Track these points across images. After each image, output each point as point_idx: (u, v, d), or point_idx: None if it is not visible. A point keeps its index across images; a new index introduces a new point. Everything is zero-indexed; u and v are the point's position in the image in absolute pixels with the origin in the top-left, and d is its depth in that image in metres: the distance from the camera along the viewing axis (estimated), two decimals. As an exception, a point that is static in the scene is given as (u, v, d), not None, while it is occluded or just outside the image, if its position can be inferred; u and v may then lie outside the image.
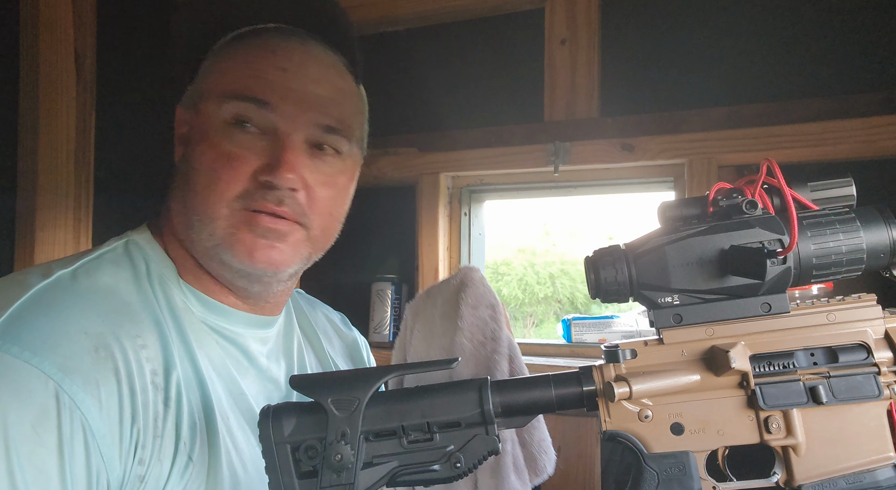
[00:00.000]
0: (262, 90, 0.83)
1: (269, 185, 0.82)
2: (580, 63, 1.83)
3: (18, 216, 1.76)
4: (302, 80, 0.85)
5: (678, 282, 0.72)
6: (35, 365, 0.68)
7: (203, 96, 0.87)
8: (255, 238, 0.82)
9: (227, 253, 0.83)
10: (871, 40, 1.58)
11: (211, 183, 0.82)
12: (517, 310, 7.78)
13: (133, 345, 0.75)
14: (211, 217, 0.82)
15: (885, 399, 0.70)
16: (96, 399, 0.70)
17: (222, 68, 0.87)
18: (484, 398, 0.71)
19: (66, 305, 0.75)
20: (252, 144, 0.83)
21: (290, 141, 0.83)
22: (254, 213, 0.82)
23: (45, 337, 0.70)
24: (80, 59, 1.79)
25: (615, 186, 1.88)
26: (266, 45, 0.86)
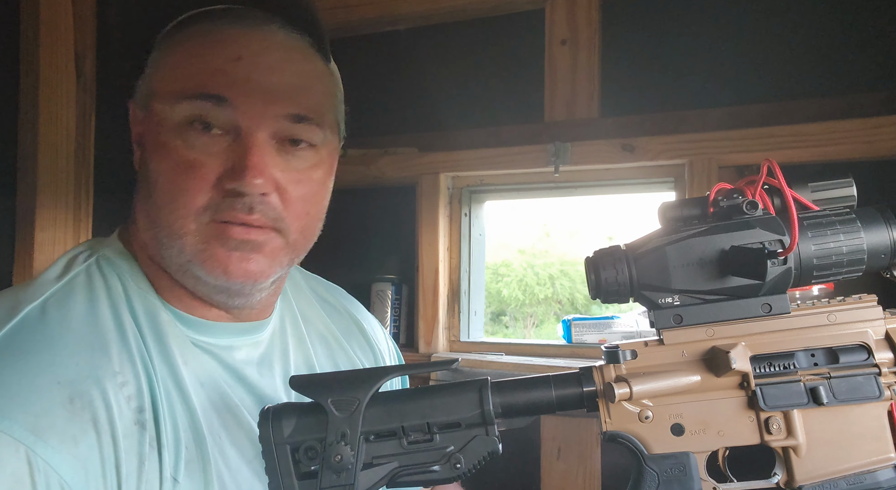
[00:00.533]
0: (217, 85, 0.74)
1: (235, 193, 0.74)
2: (580, 63, 1.83)
3: (18, 216, 1.76)
4: (261, 68, 0.76)
5: (679, 282, 0.72)
6: (3, 430, 0.62)
7: (154, 95, 0.78)
8: (228, 252, 0.75)
9: (200, 269, 0.76)
10: (871, 40, 1.58)
11: (173, 195, 0.75)
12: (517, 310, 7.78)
13: (112, 384, 0.70)
14: (178, 233, 0.75)
15: (886, 400, 0.70)
16: (73, 457, 0.65)
17: (170, 62, 0.78)
18: (484, 399, 0.71)
19: (35, 351, 0.69)
20: (213, 148, 0.74)
21: (255, 139, 0.75)
22: (224, 225, 0.75)
23: (12, 395, 0.65)
24: (80, 60, 1.79)
25: (615, 187, 1.88)
26: (216, 31, 0.77)
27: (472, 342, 1.99)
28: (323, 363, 0.97)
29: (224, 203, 0.74)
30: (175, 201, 0.75)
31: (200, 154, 0.75)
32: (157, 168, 0.76)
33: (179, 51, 0.78)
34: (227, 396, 0.81)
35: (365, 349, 1.06)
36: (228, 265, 0.76)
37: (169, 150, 0.75)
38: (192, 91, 0.75)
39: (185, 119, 0.75)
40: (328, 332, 1.02)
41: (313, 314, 1.02)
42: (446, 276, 1.99)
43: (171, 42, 0.80)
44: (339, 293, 1.11)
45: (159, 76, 0.79)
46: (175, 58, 0.78)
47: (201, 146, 0.75)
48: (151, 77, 0.80)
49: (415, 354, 1.95)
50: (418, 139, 1.99)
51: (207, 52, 0.76)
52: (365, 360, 1.04)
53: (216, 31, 0.78)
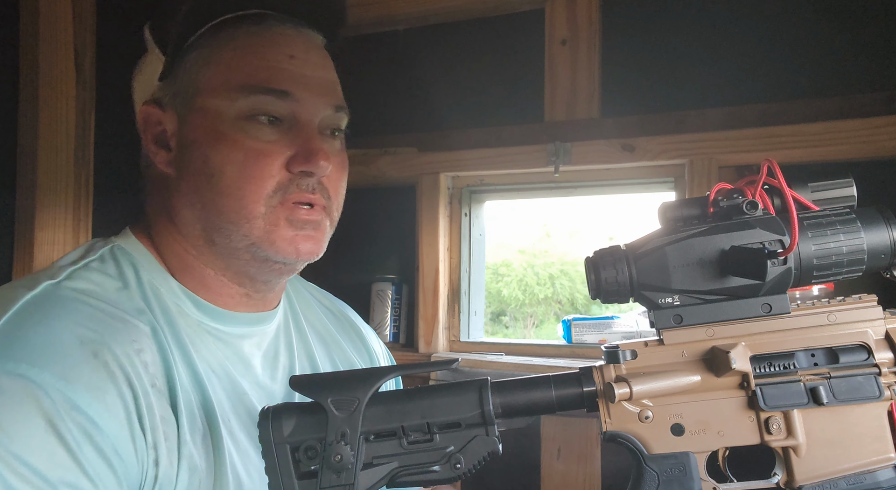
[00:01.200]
0: (280, 80, 0.82)
1: (304, 175, 0.82)
2: (580, 63, 1.83)
3: (18, 216, 1.76)
4: (310, 66, 0.85)
5: (679, 282, 0.72)
6: (33, 378, 0.66)
7: (202, 92, 0.83)
8: (295, 232, 0.82)
9: (267, 249, 0.82)
10: (871, 40, 1.58)
11: (242, 183, 0.80)
12: (517, 310, 7.78)
13: (129, 350, 0.73)
14: (247, 217, 0.81)
15: (886, 400, 0.70)
16: (103, 403, 0.68)
17: (220, 60, 0.83)
18: (484, 399, 0.71)
19: (56, 315, 0.72)
20: (278, 136, 0.82)
21: (313, 128, 0.84)
22: (292, 207, 0.82)
23: (40, 349, 0.68)
24: (79, 58, 1.79)
25: (615, 187, 1.88)
26: (265, 32, 0.84)
27: (472, 342, 1.99)
28: (322, 360, 1.00)
29: (292, 185, 0.82)
30: (244, 187, 0.80)
31: (266, 143, 0.81)
32: (223, 159, 0.80)
33: (228, 50, 0.83)
34: (237, 383, 0.84)
35: (361, 352, 1.09)
36: (297, 244, 0.83)
37: (234, 141, 0.80)
38: (255, 84, 0.81)
39: (248, 112, 0.81)
40: (326, 333, 1.05)
41: (312, 315, 1.05)
42: (446, 276, 1.99)
43: (212, 43, 0.84)
44: (334, 299, 1.15)
45: (209, 73, 0.83)
46: (224, 56, 0.83)
47: (265, 136, 0.81)
48: (195, 75, 0.83)
49: (415, 354, 1.95)
50: (418, 139, 1.99)
51: (263, 51, 0.83)
52: (361, 363, 1.07)
53: (264, 30, 0.84)
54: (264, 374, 0.90)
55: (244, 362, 0.88)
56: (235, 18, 0.84)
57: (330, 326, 1.06)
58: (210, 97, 0.82)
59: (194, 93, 0.83)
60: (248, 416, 0.84)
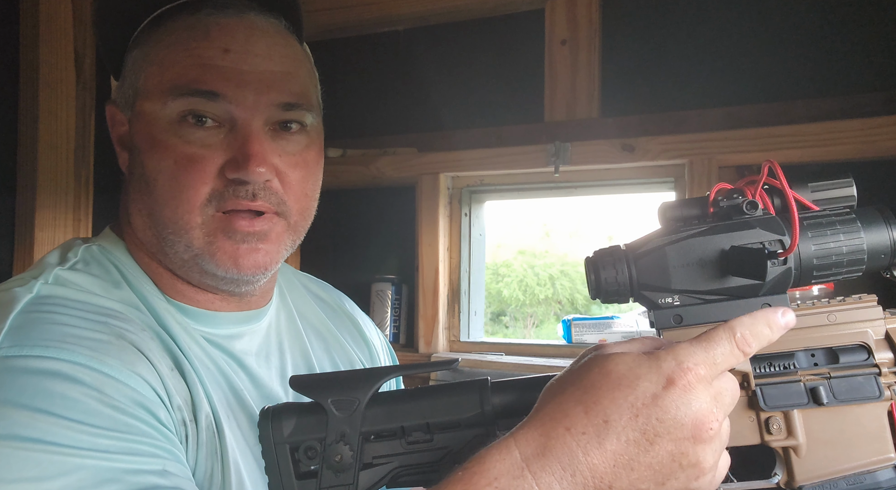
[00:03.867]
0: (209, 80, 0.74)
1: (238, 182, 0.75)
2: (580, 63, 1.83)
3: (18, 216, 1.76)
4: (250, 58, 0.77)
5: (678, 282, 0.72)
6: (66, 358, 0.63)
7: (140, 94, 0.78)
8: (236, 245, 0.77)
9: (209, 263, 0.77)
10: (871, 40, 1.58)
11: (176, 192, 0.75)
12: (517, 311, 7.78)
13: (144, 337, 0.72)
14: (184, 228, 0.76)
15: (886, 400, 0.69)
16: (139, 376, 0.67)
17: (155, 60, 0.77)
18: (484, 399, 0.71)
19: (66, 310, 0.70)
20: (210, 140, 0.75)
21: (251, 129, 0.76)
22: (229, 217, 0.76)
23: (62, 334, 0.66)
24: (79, 59, 1.79)
25: (615, 187, 1.88)
26: (198, 24, 0.77)
27: (472, 342, 1.99)
28: (320, 357, 0.98)
29: (227, 192, 0.76)
30: (178, 197, 0.75)
31: (198, 148, 0.75)
32: (156, 166, 0.76)
33: (163, 46, 0.77)
34: (233, 381, 0.83)
35: (360, 344, 1.06)
36: (238, 258, 0.77)
37: (165, 147, 0.75)
38: (183, 88, 0.75)
39: (178, 115, 0.75)
40: (323, 327, 1.02)
41: (308, 309, 1.02)
42: (446, 276, 1.99)
43: (150, 39, 0.78)
44: (331, 290, 1.11)
45: (146, 74, 0.78)
46: (160, 54, 0.77)
47: (197, 140, 0.75)
48: (135, 76, 0.79)
49: (415, 354, 1.95)
50: (418, 139, 1.99)
51: (194, 46, 0.76)
52: (361, 355, 1.04)
53: (198, 23, 0.77)
54: (259, 373, 0.88)
55: (237, 361, 0.86)
56: (175, 9, 0.78)
57: (327, 321, 1.03)
58: (146, 100, 0.77)
59: (134, 95, 0.79)
60: (245, 416, 0.82)
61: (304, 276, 1.09)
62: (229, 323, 0.86)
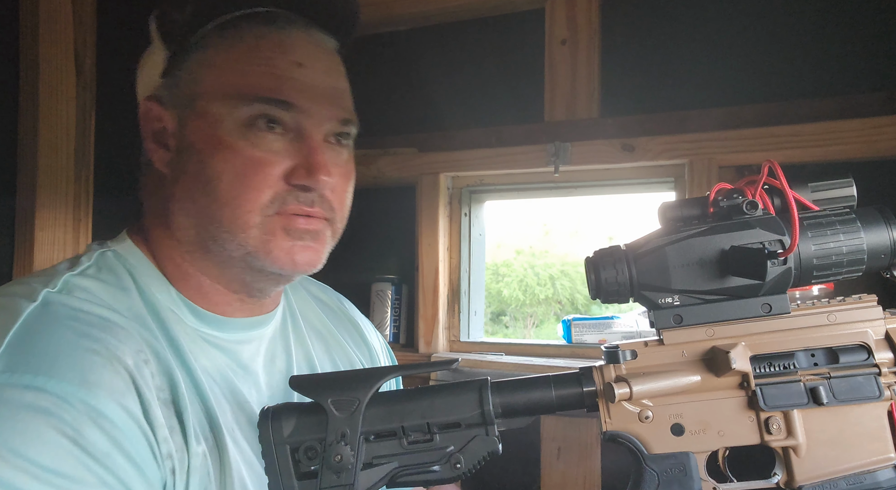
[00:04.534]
0: (284, 91, 0.79)
1: (303, 189, 0.79)
2: (580, 63, 1.83)
3: (18, 216, 1.76)
4: (317, 74, 0.82)
5: (679, 282, 0.72)
6: (52, 390, 0.64)
7: (203, 95, 0.80)
8: (293, 242, 0.80)
9: (263, 260, 0.79)
10: (871, 40, 1.58)
11: (239, 192, 0.78)
12: (517, 311, 7.78)
13: (138, 360, 0.72)
14: (241, 227, 0.78)
15: (886, 400, 0.69)
16: (122, 407, 0.68)
17: (224, 64, 0.80)
18: (484, 399, 0.71)
19: (64, 327, 0.71)
20: (279, 146, 0.79)
21: (316, 140, 0.81)
22: (289, 217, 0.80)
23: (54, 358, 0.67)
24: (79, 59, 1.79)
25: (615, 187, 1.88)
26: (273, 35, 0.81)
27: (472, 342, 1.99)
28: (321, 359, 0.98)
29: (289, 196, 0.79)
30: (240, 197, 0.78)
31: (266, 152, 0.79)
32: (220, 167, 0.78)
33: (233, 53, 0.80)
34: (238, 391, 0.83)
35: (361, 347, 1.07)
36: (294, 255, 0.80)
37: (232, 148, 0.78)
38: (259, 94, 0.78)
39: (248, 119, 0.78)
40: (325, 329, 1.03)
41: (310, 312, 1.03)
42: (446, 276, 1.99)
43: (215, 42, 0.81)
44: (331, 292, 1.13)
45: (211, 76, 0.80)
46: (229, 60, 0.80)
47: (266, 144, 0.79)
48: (197, 76, 0.81)
49: (415, 354, 1.95)
50: (418, 139, 1.99)
51: (270, 56, 0.80)
52: (361, 358, 1.05)
53: (271, 33, 0.81)
54: (263, 380, 0.88)
55: (244, 368, 0.86)
56: (243, 17, 0.81)
57: (329, 323, 1.04)
58: (212, 101, 0.79)
59: (196, 95, 0.80)
60: (249, 426, 0.82)
61: (305, 280, 1.10)
62: (240, 328, 0.87)
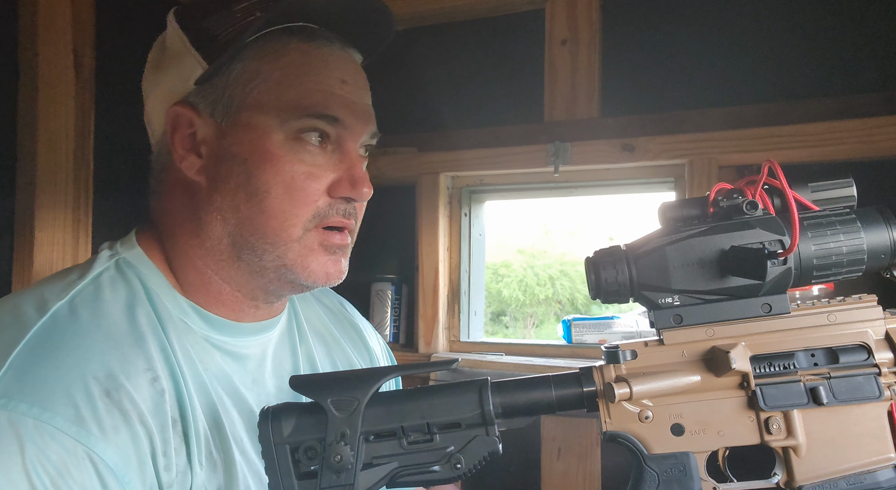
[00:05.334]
0: (333, 106, 0.81)
1: (346, 200, 0.82)
2: (580, 63, 1.83)
3: (17, 216, 1.76)
4: (358, 91, 0.85)
5: (679, 282, 0.72)
6: (46, 421, 0.65)
7: (249, 106, 0.80)
8: (328, 257, 0.83)
9: (298, 273, 0.82)
10: (871, 40, 1.58)
11: (288, 205, 0.79)
12: (517, 311, 7.78)
13: (145, 380, 0.72)
14: (284, 240, 0.80)
15: (886, 400, 0.70)
16: (115, 444, 0.68)
17: (270, 77, 0.80)
18: (484, 399, 0.71)
19: (70, 349, 0.71)
20: (325, 160, 0.82)
21: (357, 154, 0.85)
22: (326, 232, 0.82)
23: (51, 388, 0.67)
24: (78, 58, 1.79)
25: (615, 187, 1.88)
26: (316, 52, 0.82)
27: (472, 342, 1.99)
28: (322, 361, 0.99)
29: (331, 210, 0.82)
30: (289, 210, 0.80)
31: (313, 167, 0.81)
32: (270, 179, 0.79)
33: (279, 66, 0.81)
34: (246, 400, 0.84)
35: (361, 350, 1.08)
36: (328, 269, 0.83)
37: (281, 162, 0.79)
38: (310, 109, 0.80)
39: (296, 132, 0.80)
40: (326, 332, 1.04)
41: (312, 314, 1.04)
42: (446, 275, 1.99)
43: (257, 54, 0.81)
44: (331, 294, 1.13)
45: (257, 88, 0.80)
46: (275, 73, 0.80)
47: (313, 159, 0.81)
48: (242, 87, 0.80)
49: (415, 354, 1.95)
50: (418, 139, 1.99)
51: (315, 73, 0.81)
52: (360, 360, 1.06)
53: (315, 50, 0.83)
54: (271, 384, 0.89)
55: (251, 375, 0.87)
56: (283, 31, 0.82)
57: (329, 324, 1.05)
58: (258, 113, 0.80)
59: (240, 106, 0.80)
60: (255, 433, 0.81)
61: None
62: (249, 332, 0.88)
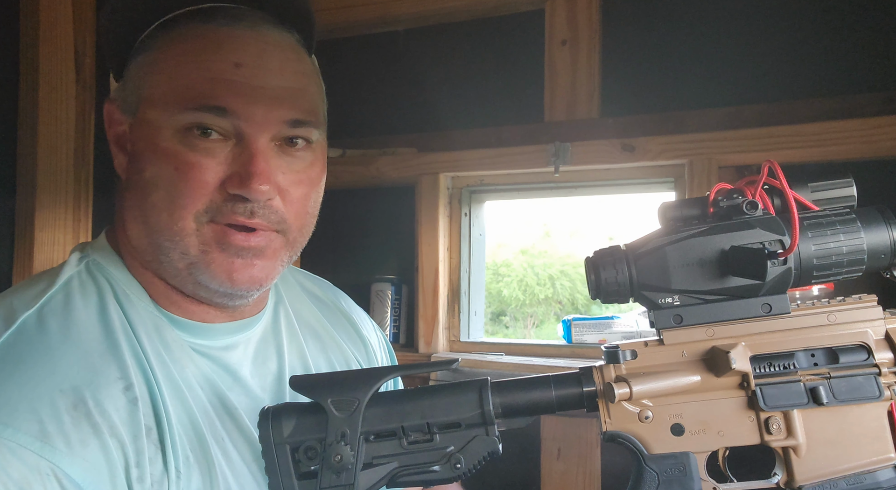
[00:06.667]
0: (219, 95, 0.73)
1: (240, 199, 0.74)
2: (580, 63, 1.83)
3: (17, 216, 1.76)
4: (261, 74, 0.75)
5: (679, 282, 0.72)
6: (8, 438, 0.63)
7: (145, 101, 0.76)
8: (230, 258, 0.76)
9: (203, 274, 0.76)
10: (871, 40, 1.58)
11: (173, 197, 0.74)
12: (517, 311, 7.78)
13: (116, 390, 0.70)
14: (179, 234, 0.75)
15: (886, 400, 0.70)
16: (83, 459, 0.66)
17: (164, 68, 0.75)
18: (484, 399, 0.71)
19: (35, 362, 0.68)
20: (214, 152, 0.74)
21: (258, 145, 0.75)
22: (224, 229, 0.75)
23: (15, 404, 0.65)
24: (79, 58, 1.79)
25: (615, 187, 1.88)
26: (210, 33, 0.75)
27: (472, 342, 1.99)
28: (315, 357, 0.96)
29: (225, 207, 0.75)
30: (174, 203, 0.74)
31: (202, 157, 0.74)
32: (157, 172, 0.75)
33: (172, 54, 0.75)
34: (226, 399, 0.81)
35: (356, 343, 1.05)
36: (232, 272, 0.76)
37: (168, 155, 0.74)
38: (192, 102, 0.73)
39: (184, 126, 0.74)
40: (319, 326, 1.01)
41: (303, 308, 1.01)
42: (446, 276, 1.99)
43: (159, 43, 0.77)
44: (326, 287, 1.10)
45: (151, 82, 0.76)
46: (168, 63, 0.75)
47: (202, 150, 0.74)
48: (140, 81, 0.77)
49: (415, 354, 1.95)
50: (418, 139, 1.99)
51: (205, 58, 0.74)
52: (357, 354, 1.03)
53: (210, 32, 0.75)
54: (254, 383, 0.86)
55: (232, 374, 0.84)
56: (186, 15, 0.76)
57: (323, 319, 1.02)
58: (151, 108, 0.75)
59: (138, 100, 0.77)
60: (239, 434, 0.81)
61: (299, 273, 1.08)
62: (224, 333, 0.85)
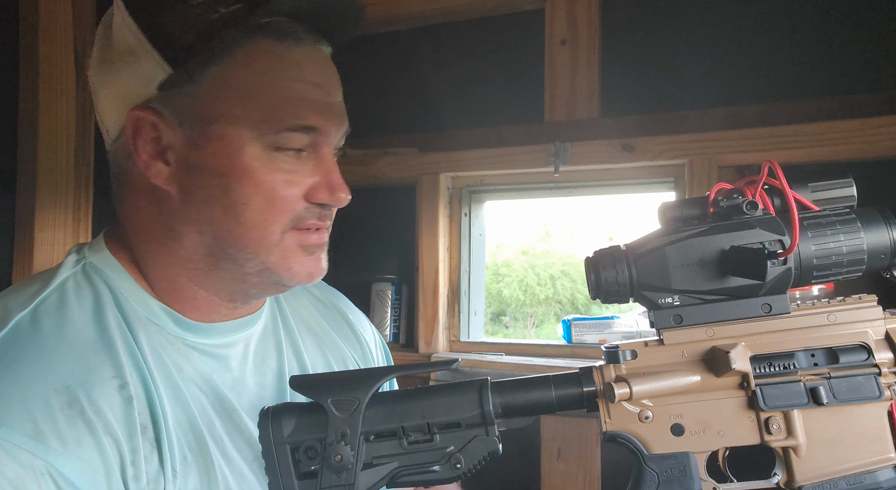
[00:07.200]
0: (307, 115, 0.78)
1: (325, 206, 0.81)
2: (580, 63, 1.83)
3: (18, 217, 1.76)
4: (332, 92, 0.82)
5: (678, 282, 0.72)
6: (2, 437, 0.63)
7: (221, 118, 0.76)
8: (308, 257, 0.82)
9: (281, 275, 0.81)
10: (871, 40, 1.58)
11: (267, 215, 0.78)
12: (518, 311, 7.78)
13: (110, 388, 0.71)
14: (265, 248, 0.79)
15: (886, 400, 0.70)
16: (78, 457, 0.66)
17: (240, 86, 0.76)
18: (484, 399, 0.71)
19: (30, 361, 0.69)
20: (301, 167, 0.80)
21: (332, 158, 0.82)
22: (304, 233, 0.81)
23: (10, 403, 0.66)
24: (80, 58, 1.79)
25: (615, 187, 1.88)
26: (289, 55, 0.78)
27: (472, 342, 1.99)
28: (312, 355, 0.97)
29: (308, 213, 0.81)
30: (268, 220, 0.78)
31: (292, 174, 0.79)
32: (247, 192, 0.77)
33: (248, 73, 0.76)
34: (226, 399, 0.82)
35: (353, 342, 1.06)
36: (311, 268, 0.83)
37: (259, 174, 0.77)
38: (281, 123, 0.77)
39: (273, 145, 0.77)
40: (316, 325, 1.02)
41: (301, 307, 1.02)
42: (446, 276, 1.99)
43: (230, 60, 0.76)
44: (324, 287, 1.11)
45: (227, 99, 0.76)
46: (246, 82, 0.76)
47: (290, 168, 0.79)
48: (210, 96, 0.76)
49: (415, 354, 1.95)
50: (418, 139, 1.99)
51: (291, 78, 0.78)
52: (353, 354, 1.04)
53: (287, 54, 0.78)
54: (253, 382, 0.87)
55: (232, 373, 0.85)
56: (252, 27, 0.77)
57: (320, 318, 1.03)
58: (230, 125, 0.76)
59: (211, 117, 0.76)
60: (238, 434, 0.81)
61: None
62: (226, 331, 0.86)
